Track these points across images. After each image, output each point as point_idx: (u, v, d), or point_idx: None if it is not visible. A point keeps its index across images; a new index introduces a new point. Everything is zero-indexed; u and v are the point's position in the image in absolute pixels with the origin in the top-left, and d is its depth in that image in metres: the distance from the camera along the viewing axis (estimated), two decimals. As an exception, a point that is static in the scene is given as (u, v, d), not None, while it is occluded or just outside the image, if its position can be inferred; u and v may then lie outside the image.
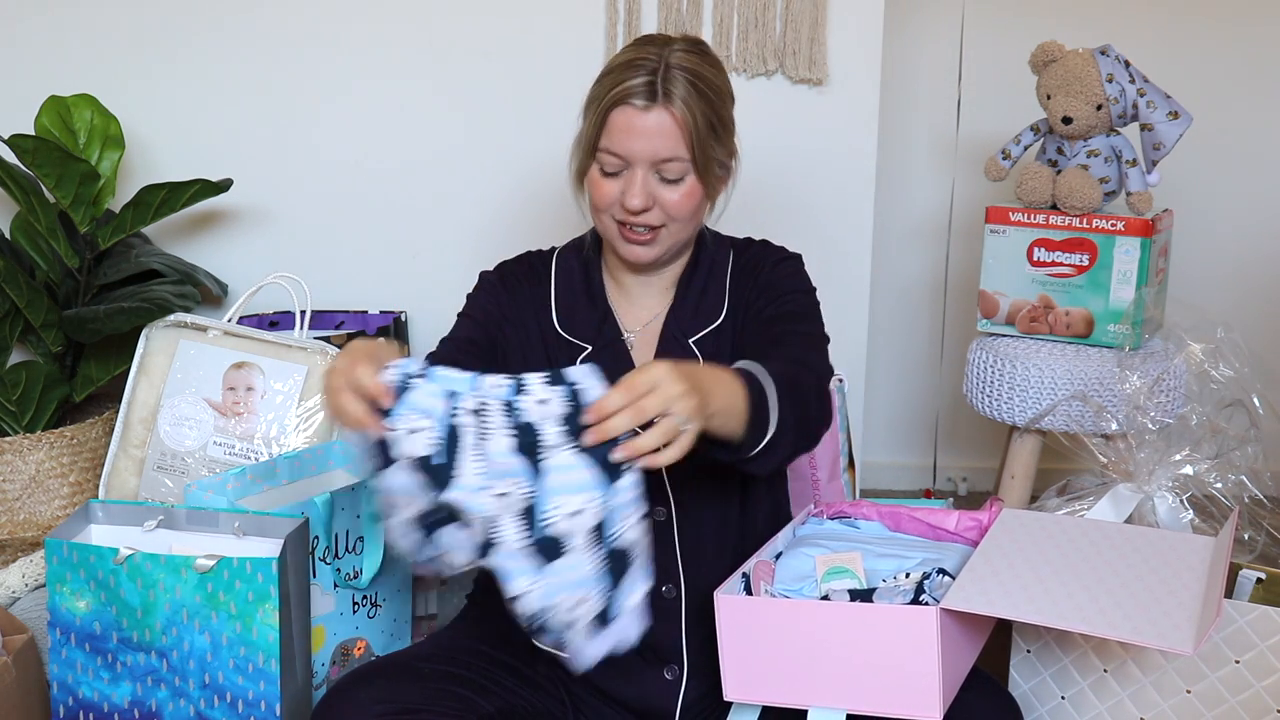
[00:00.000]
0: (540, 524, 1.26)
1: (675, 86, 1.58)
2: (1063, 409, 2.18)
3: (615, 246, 1.66)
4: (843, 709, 1.42)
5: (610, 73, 1.62)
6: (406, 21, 2.52)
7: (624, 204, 1.60)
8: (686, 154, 1.59)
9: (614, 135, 1.59)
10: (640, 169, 1.59)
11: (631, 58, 1.60)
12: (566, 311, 1.70)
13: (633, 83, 1.57)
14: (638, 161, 1.59)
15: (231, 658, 1.63)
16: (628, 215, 1.61)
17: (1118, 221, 2.20)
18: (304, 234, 2.59)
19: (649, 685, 1.59)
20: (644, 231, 1.62)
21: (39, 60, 2.51)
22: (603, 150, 1.60)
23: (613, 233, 1.65)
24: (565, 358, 1.67)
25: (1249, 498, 1.87)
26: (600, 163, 1.61)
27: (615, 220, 1.63)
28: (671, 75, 1.58)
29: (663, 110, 1.57)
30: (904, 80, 2.82)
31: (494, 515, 1.26)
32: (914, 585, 1.50)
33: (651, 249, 1.64)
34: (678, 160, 1.59)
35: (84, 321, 2.23)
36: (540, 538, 1.26)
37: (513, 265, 1.76)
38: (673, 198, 1.60)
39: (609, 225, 1.64)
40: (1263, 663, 1.51)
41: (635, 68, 1.58)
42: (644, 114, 1.57)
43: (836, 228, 2.57)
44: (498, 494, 1.26)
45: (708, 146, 1.61)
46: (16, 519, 2.33)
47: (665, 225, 1.62)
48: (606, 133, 1.59)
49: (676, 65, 1.58)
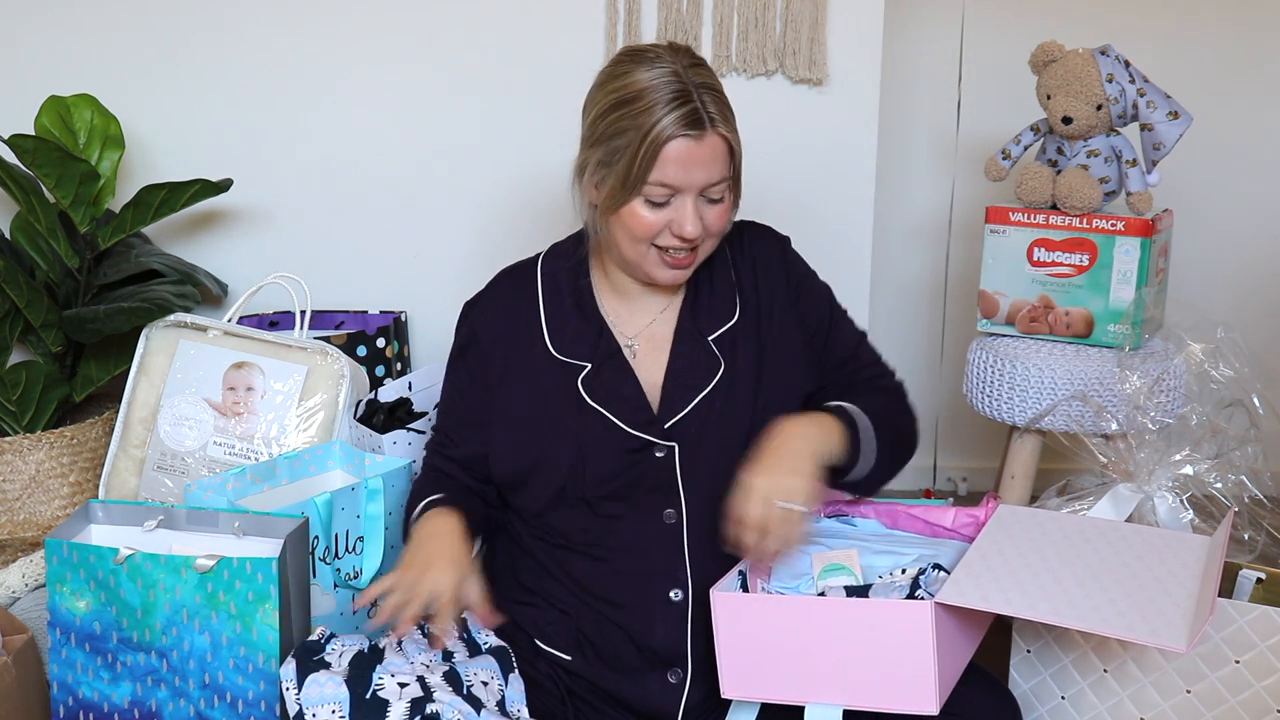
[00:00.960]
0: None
1: (712, 108, 1.55)
2: (1063, 409, 2.17)
3: (651, 273, 1.63)
4: (840, 705, 1.42)
5: (635, 102, 1.54)
6: (406, 22, 2.52)
7: (679, 233, 1.56)
8: (730, 173, 1.58)
9: (669, 168, 1.54)
10: (690, 196, 1.56)
11: (653, 82, 1.54)
12: (558, 331, 1.68)
13: (678, 113, 1.53)
14: (689, 190, 1.56)
15: (231, 658, 1.63)
16: (676, 243, 1.58)
17: (1118, 221, 2.20)
18: (304, 234, 2.59)
19: (652, 688, 1.59)
20: (685, 255, 1.61)
21: (39, 60, 2.51)
22: (653, 184, 1.55)
23: (651, 260, 1.61)
24: (565, 378, 1.66)
25: (1249, 498, 1.87)
26: (646, 195, 1.56)
27: (656, 247, 1.60)
28: (704, 98, 1.55)
29: (714, 136, 1.55)
30: (904, 80, 2.82)
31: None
32: (909, 581, 1.51)
33: (689, 270, 1.64)
34: (723, 181, 1.58)
35: (84, 321, 2.24)
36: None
37: (492, 302, 1.73)
38: (715, 218, 1.59)
39: (647, 254, 1.61)
40: (1263, 663, 1.51)
41: (667, 97, 1.53)
42: (699, 144, 1.54)
43: (836, 228, 2.57)
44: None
45: (740, 158, 1.61)
46: (16, 519, 2.33)
47: (704, 243, 1.61)
48: (660, 166, 1.53)
49: (702, 85, 1.55)
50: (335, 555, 1.84)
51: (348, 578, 1.86)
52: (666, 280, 1.63)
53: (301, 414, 2.13)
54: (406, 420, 2.09)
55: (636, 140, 1.53)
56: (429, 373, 2.21)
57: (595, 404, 1.63)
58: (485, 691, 1.50)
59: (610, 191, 1.57)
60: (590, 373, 1.65)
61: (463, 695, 1.44)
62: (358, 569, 1.88)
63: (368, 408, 2.12)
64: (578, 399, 1.64)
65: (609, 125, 1.56)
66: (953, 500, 1.74)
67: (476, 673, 1.52)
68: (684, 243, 1.58)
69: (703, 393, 1.63)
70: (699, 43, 2.49)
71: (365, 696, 1.41)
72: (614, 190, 1.57)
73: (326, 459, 2.03)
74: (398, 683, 1.42)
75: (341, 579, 1.86)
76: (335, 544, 1.84)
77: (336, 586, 1.86)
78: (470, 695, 1.46)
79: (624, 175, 1.55)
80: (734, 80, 2.50)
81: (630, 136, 1.54)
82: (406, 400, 2.15)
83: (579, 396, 1.64)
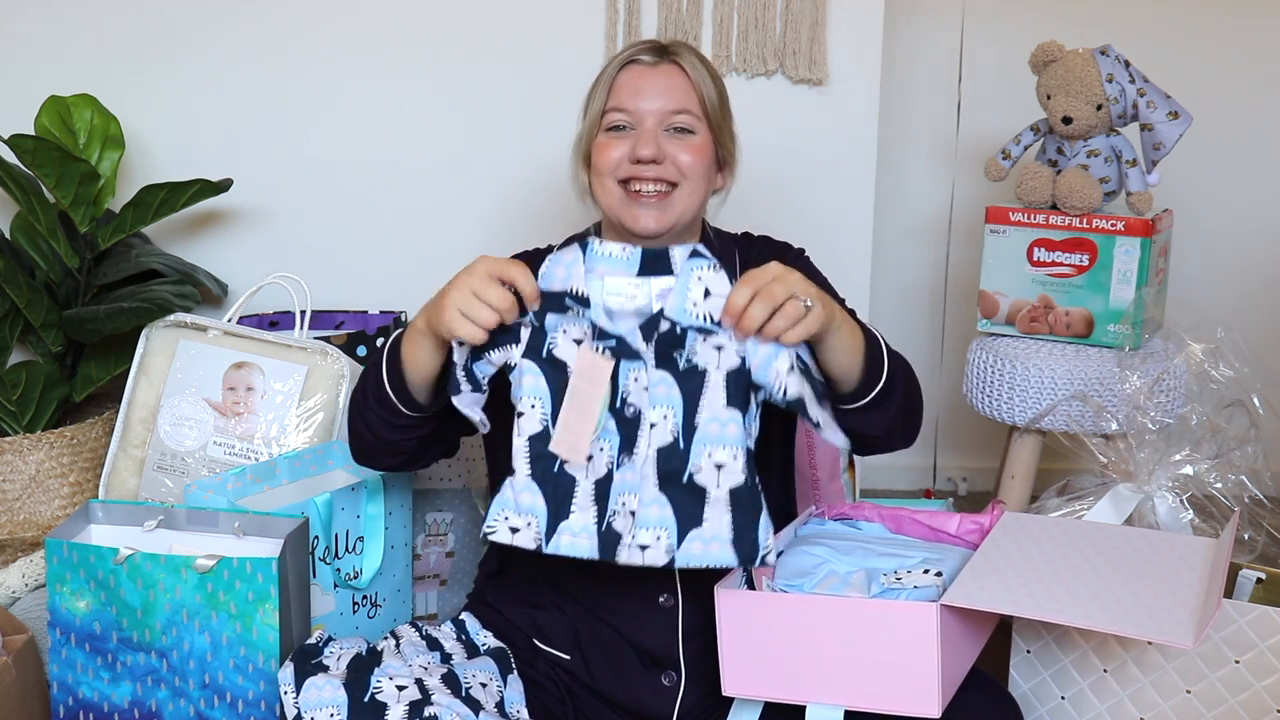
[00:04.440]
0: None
1: (682, 52, 1.63)
2: (1063, 409, 2.17)
3: (622, 217, 1.62)
4: (841, 705, 1.42)
5: (611, 61, 1.66)
6: (407, 22, 2.52)
7: (634, 154, 1.58)
8: (698, 108, 1.61)
9: (622, 92, 1.60)
10: (650, 121, 1.60)
11: (633, 42, 1.68)
12: None
13: (638, 46, 1.63)
14: (648, 115, 1.60)
15: (231, 658, 1.63)
16: (638, 169, 1.59)
17: (1118, 221, 2.21)
18: (304, 234, 2.59)
19: (646, 690, 1.59)
20: (654, 193, 1.60)
21: (39, 60, 2.51)
22: (611, 109, 1.60)
23: (618, 200, 1.61)
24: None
25: (1249, 498, 1.87)
26: (607, 123, 1.61)
27: (621, 184, 1.61)
28: (674, 45, 1.64)
29: (670, 64, 1.61)
30: (904, 80, 2.82)
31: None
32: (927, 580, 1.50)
33: (661, 213, 1.60)
34: (688, 112, 1.60)
35: (84, 321, 2.23)
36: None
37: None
38: (683, 153, 1.60)
39: (614, 191, 1.61)
40: (1263, 663, 1.51)
41: (637, 43, 1.65)
42: (653, 69, 1.61)
43: (836, 228, 2.57)
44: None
45: (719, 107, 1.64)
46: (16, 519, 2.33)
47: (678, 185, 1.60)
48: (615, 92, 1.60)
49: (677, 43, 1.65)
50: (335, 555, 1.84)
51: (348, 578, 1.86)
52: (644, 225, 1.60)
53: (301, 414, 2.13)
54: (406, 420, 2.09)
55: (599, 81, 1.64)
56: (429, 373, 2.21)
57: None
58: (484, 693, 1.49)
59: (583, 142, 1.65)
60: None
61: (461, 697, 1.44)
62: (358, 569, 1.88)
63: (368, 408, 2.12)
64: None
65: (588, 92, 1.66)
66: (953, 500, 1.74)
67: (475, 674, 1.51)
68: (641, 168, 1.59)
69: None
70: (699, 43, 2.49)
71: (363, 699, 1.41)
72: (584, 138, 1.65)
73: (326, 459, 2.03)
74: (396, 685, 1.42)
75: (341, 579, 1.86)
76: (335, 544, 1.84)
77: (336, 586, 1.86)
78: (469, 697, 1.46)
79: (588, 117, 1.64)
80: (734, 80, 2.50)
81: (597, 84, 1.64)
82: (406, 400, 2.15)
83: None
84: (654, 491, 1.36)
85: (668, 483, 1.36)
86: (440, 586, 2.12)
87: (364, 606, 1.91)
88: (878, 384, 1.49)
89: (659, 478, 1.36)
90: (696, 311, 1.34)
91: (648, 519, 1.36)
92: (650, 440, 1.36)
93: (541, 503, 1.38)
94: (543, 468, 1.38)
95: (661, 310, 1.35)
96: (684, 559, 1.35)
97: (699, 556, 1.35)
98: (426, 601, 2.11)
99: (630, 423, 1.37)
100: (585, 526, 1.37)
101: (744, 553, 1.34)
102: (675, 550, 1.35)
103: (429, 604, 2.11)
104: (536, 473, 1.38)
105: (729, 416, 1.34)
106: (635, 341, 1.35)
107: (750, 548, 1.34)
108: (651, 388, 1.36)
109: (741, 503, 1.34)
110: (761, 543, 1.34)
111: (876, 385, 1.49)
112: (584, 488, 1.37)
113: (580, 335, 1.37)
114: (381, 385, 1.49)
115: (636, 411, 1.36)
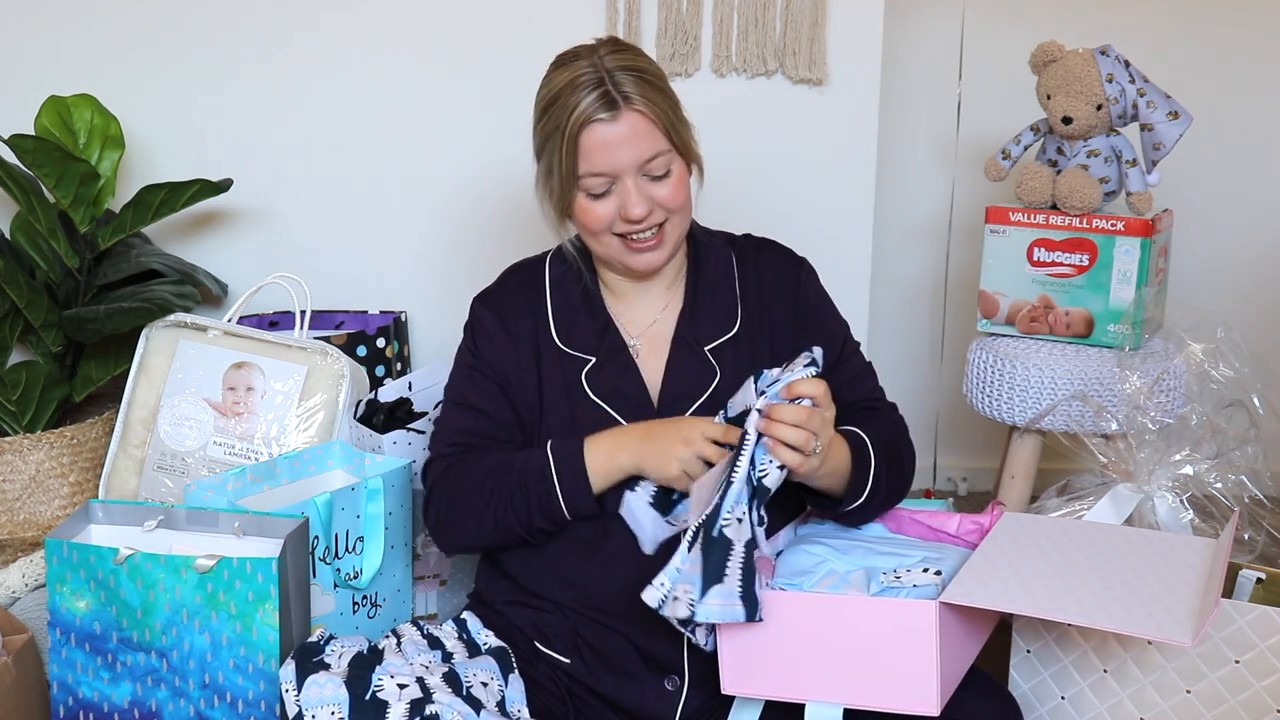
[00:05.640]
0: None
1: (627, 87, 1.56)
2: (1063, 409, 2.17)
3: (624, 262, 1.64)
4: (840, 703, 1.42)
5: (555, 103, 1.58)
6: (407, 21, 2.52)
7: (625, 216, 1.58)
8: (667, 145, 1.59)
9: (592, 156, 1.56)
10: (629, 178, 1.57)
11: (568, 79, 1.57)
12: (565, 326, 1.68)
13: (587, 100, 1.55)
14: (625, 172, 1.57)
15: (231, 658, 1.63)
16: (630, 227, 1.59)
17: (1118, 221, 2.21)
18: (304, 234, 2.59)
19: (649, 694, 1.59)
20: (649, 237, 1.61)
21: (39, 60, 2.51)
22: (585, 175, 1.57)
23: (616, 250, 1.63)
24: (568, 371, 1.66)
25: (1249, 498, 1.87)
26: (585, 189, 1.58)
27: (617, 236, 1.61)
28: (617, 78, 1.56)
29: (630, 113, 1.56)
30: (904, 80, 2.82)
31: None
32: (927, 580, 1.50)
33: (661, 251, 1.63)
34: (660, 155, 1.58)
35: (84, 321, 2.23)
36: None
37: (502, 296, 1.73)
38: (665, 193, 1.60)
39: (610, 244, 1.62)
40: (1263, 663, 1.51)
41: (578, 87, 1.56)
42: (614, 124, 1.55)
43: (836, 228, 2.57)
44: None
45: (679, 128, 1.61)
46: (16, 519, 2.33)
47: (668, 220, 1.61)
48: (584, 157, 1.56)
49: (617, 67, 1.57)
50: (335, 555, 1.84)
51: (348, 578, 1.86)
52: (642, 266, 1.63)
53: (301, 414, 2.13)
54: (406, 420, 2.09)
55: (558, 140, 1.57)
56: (429, 373, 2.21)
57: (597, 398, 1.63)
58: (485, 692, 1.49)
59: (556, 196, 1.61)
60: (594, 367, 1.65)
61: (462, 696, 1.44)
62: (358, 569, 1.88)
63: (368, 408, 2.12)
64: (580, 392, 1.64)
65: (540, 135, 1.62)
66: (953, 500, 1.74)
67: (476, 673, 1.52)
68: (637, 224, 1.59)
69: (698, 401, 1.64)
70: (699, 43, 2.48)
71: (364, 698, 1.41)
72: (558, 194, 1.61)
73: (326, 459, 2.03)
74: (397, 684, 1.42)
75: (341, 579, 1.86)
76: (335, 544, 1.84)
77: (336, 586, 1.86)
78: (470, 696, 1.46)
79: (559, 175, 1.59)
80: (734, 80, 2.50)
81: (554, 139, 1.58)
82: (406, 400, 2.15)
83: (582, 390, 1.64)
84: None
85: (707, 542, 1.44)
86: (440, 586, 2.12)
87: (364, 606, 1.91)
88: (860, 496, 1.59)
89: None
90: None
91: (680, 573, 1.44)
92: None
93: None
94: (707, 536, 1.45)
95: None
96: (703, 613, 1.42)
97: (717, 613, 1.42)
98: (426, 601, 2.11)
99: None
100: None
101: (749, 608, 1.42)
102: (697, 605, 1.42)
103: (429, 604, 2.12)
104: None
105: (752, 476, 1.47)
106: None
107: (752, 604, 1.42)
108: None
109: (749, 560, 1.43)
110: (759, 601, 1.43)
111: (859, 497, 1.59)
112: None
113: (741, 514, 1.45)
114: (557, 505, 1.58)
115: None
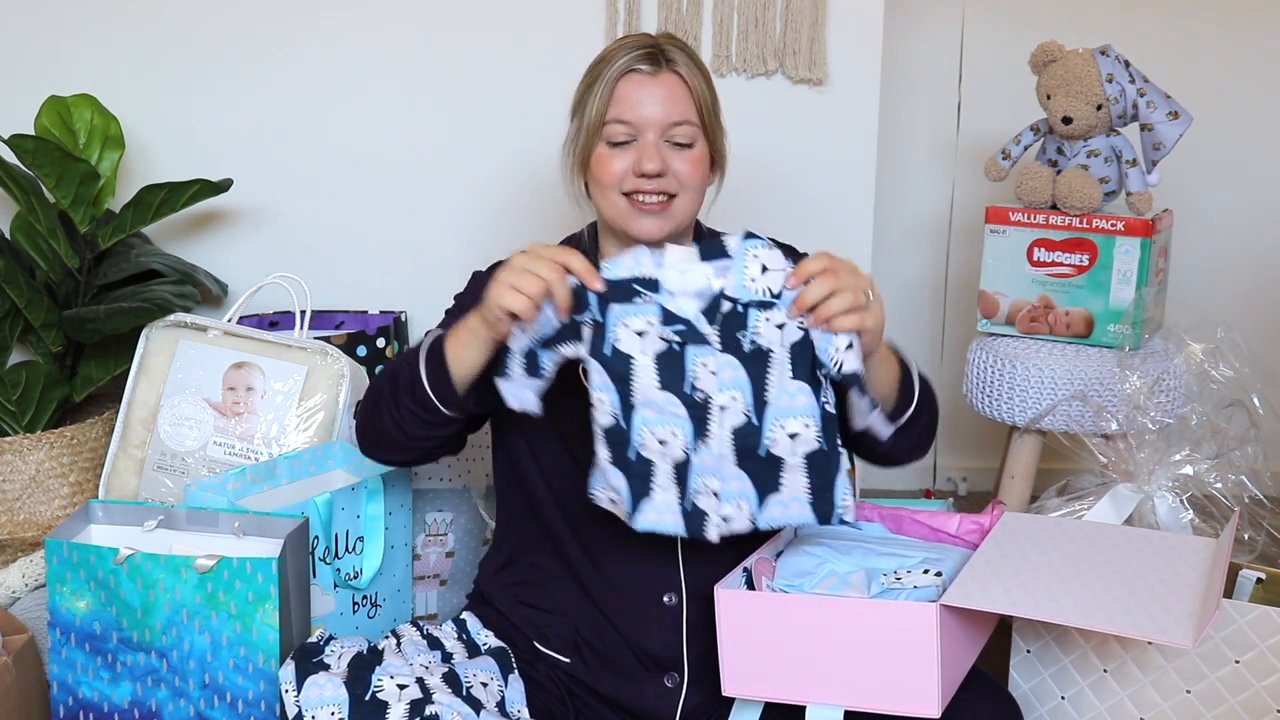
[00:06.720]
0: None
1: (676, 56, 1.62)
2: (1063, 409, 2.18)
3: (625, 224, 1.63)
4: (841, 705, 1.42)
5: (602, 60, 1.64)
6: (407, 21, 2.52)
7: (639, 169, 1.59)
8: (696, 118, 1.61)
9: (623, 104, 1.59)
10: (651, 134, 1.60)
11: (621, 43, 1.63)
12: None
13: (635, 53, 1.61)
14: (649, 127, 1.60)
15: (231, 658, 1.63)
16: (641, 183, 1.60)
17: (1118, 221, 2.21)
18: (304, 234, 2.59)
19: (649, 692, 1.59)
20: (655, 202, 1.61)
21: (39, 60, 2.51)
22: (612, 121, 1.60)
23: (622, 209, 1.62)
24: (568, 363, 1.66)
25: (1249, 498, 1.87)
26: (607, 136, 1.61)
27: (624, 194, 1.62)
28: (668, 49, 1.62)
29: (670, 74, 1.60)
30: (904, 80, 2.82)
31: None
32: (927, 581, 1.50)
33: (663, 221, 1.62)
34: (688, 124, 1.61)
35: (84, 321, 2.23)
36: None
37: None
38: (683, 165, 1.61)
39: (617, 202, 1.62)
40: (1263, 663, 1.51)
41: (627, 46, 1.62)
42: (652, 79, 1.60)
43: (836, 228, 2.57)
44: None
45: (713, 113, 1.64)
46: (16, 519, 2.33)
47: (677, 195, 1.62)
48: (615, 103, 1.59)
49: (668, 43, 1.63)
50: (335, 555, 1.84)
51: (348, 578, 1.86)
52: (644, 231, 1.62)
53: (301, 414, 2.13)
54: (406, 420, 2.08)
55: (596, 89, 1.61)
56: (429, 373, 2.21)
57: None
58: (485, 692, 1.49)
59: (579, 146, 1.64)
60: None
61: (462, 696, 1.44)
62: (358, 569, 1.88)
63: (368, 408, 2.12)
64: (578, 382, 1.64)
65: (580, 89, 1.65)
66: (953, 500, 1.75)
67: (476, 674, 1.52)
68: (645, 181, 1.60)
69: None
70: (699, 43, 2.48)
71: (364, 698, 1.41)
72: (581, 143, 1.64)
73: (326, 459, 2.03)
74: (397, 684, 1.42)
75: (341, 579, 1.86)
76: (335, 544, 1.84)
77: (336, 586, 1.86)
78: (470, 696, 1.46)
79: (587, 122, 1.62)
80: (734, 80, 2.49)
81: (593, 89, 1.62)
82: (406, 400, 2.15)
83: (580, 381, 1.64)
84: (733, 469, 1.42)
85: (745, 458, 1.42)
86: (440, 586, 2.12)
87: (364, 606, 1.91)
88: (907, 411, 1.55)
89: (737, 455, 1.42)
90: (755, 287, 1.40)
91: (729, 493, 1.42)
92: (722, 422, 1.41)
93: (624, 482, 1.43)
94: (619, 454, 1.43)
95: (722, 290, 1.40)
96: (766, 521, 1.42)
97: (780, 518, 1.42)
98: (426, 601, 2.11)
99: (700, 407, 1.41)
100: (668, 504, 1.43)
101: (822, 512, 1.41)
102: (758, 515, 1.42)
103: (429, 604, 2.12)
104: (616, 458, 1.43)
105: (796, 388, 1.40)
106: (701, 326, 1.40)
107: (827, 506, 1.41)
108: (718, 372, 1.41)
109: (817, 466, 1.41)
110: (838, 502, 1.41)
111: (906, 412, 1.55)
112: (662, 469, 1.42)
113: (643, 327, 1.40)
114: (420, 382, 1.50)
115: (705, 397, 1.41)
